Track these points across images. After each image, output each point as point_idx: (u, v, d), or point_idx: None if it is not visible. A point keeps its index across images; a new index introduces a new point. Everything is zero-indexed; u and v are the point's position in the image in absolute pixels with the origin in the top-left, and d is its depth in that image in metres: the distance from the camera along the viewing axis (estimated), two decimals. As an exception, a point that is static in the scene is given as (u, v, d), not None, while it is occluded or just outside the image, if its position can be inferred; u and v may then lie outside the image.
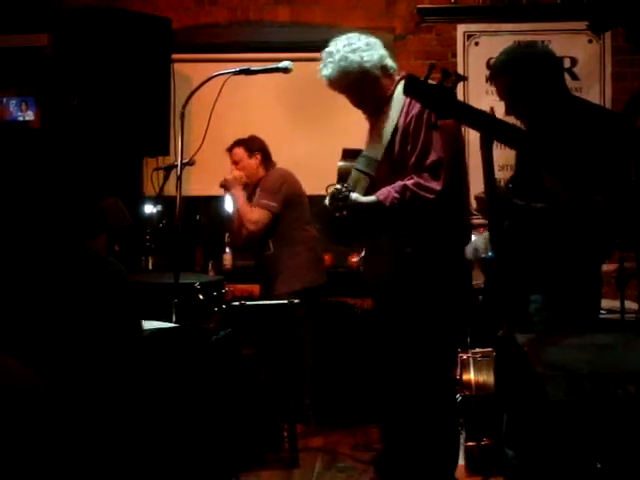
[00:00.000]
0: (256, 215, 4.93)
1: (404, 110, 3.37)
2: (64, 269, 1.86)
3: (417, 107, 3.30)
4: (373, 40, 3.45)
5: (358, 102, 3.52)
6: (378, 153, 3.40)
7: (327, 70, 3.41)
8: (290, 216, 4.98)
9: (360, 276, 3.91)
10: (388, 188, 3.33)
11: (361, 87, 3.44)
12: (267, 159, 5.11)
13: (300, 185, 5.07)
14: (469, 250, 4.97)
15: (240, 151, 5.08)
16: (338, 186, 3.35)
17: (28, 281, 1.81)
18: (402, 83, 3.38)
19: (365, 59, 3.38)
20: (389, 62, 3.46)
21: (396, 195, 3.29)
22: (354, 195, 3.31)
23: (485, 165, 3.11)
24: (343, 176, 3.46)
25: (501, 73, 3.14)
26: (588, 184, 2.81)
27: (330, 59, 3.41)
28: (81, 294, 1.85)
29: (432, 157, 3.27)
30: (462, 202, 3.45)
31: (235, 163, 5.09)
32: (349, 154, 3.54)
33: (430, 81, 2.74)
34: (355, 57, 3.37)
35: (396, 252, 3.42)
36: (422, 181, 3.27)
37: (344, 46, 3.41)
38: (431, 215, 3.32)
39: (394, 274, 3.44)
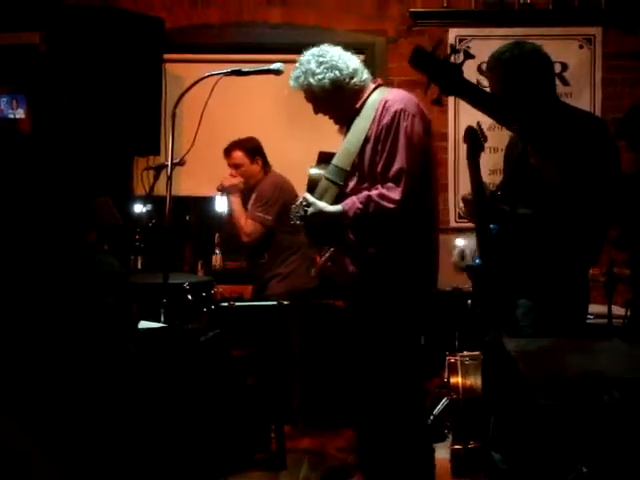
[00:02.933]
0: (250, 228, 4.93)
1: (376, 119, 3.41)
2: (57, 268, 1.86)
3: (387, 117, 3.36)
4: (343, 54, 3.51)
5: (333, 112, 3.58)
6: (347, 163, 3.45)
7: (293, 81, 3.51)
8: (285, 223, 4.98)
9: (324, 278, 4.02)
10: (353, 198, 3.40)
11: (326, 99, 3.51)
12: (266, 163, 5.10)
13: (294, 191, 5.06)
14: (455, 254, 4.99)
15: (240, 155, 5.03)
16: (294, 205, 3.52)
17: (23, 278, 1.81)
18: (377, 91, 3.50)
19: (328, 74, 3.43)
20: (360, 75, 3.50)
21: (359, 206, 3.36)
22: (320, 204, 3.42)
23: (471, 167, 3.13)
24: (314, 184, 3.53)
25: (500, 66, 3.14)
26: (582, 168, 2.82)
27: (299, 70, 3.50)
28: (74, 293, 1.85)
29: (395, 166, 3.33)
30: (429, 207, 3.50)
31: (234, 167, 5.06)
32: (324, 158, 3.60)
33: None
34: (320, 71, 3.44)
35: (360, 251, 3.47)
36: (384, 191, 3.33)
37: (313, 57, 3.48)
38: (393, 222, 3.36)
39: (358, 273, 3.49)
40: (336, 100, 3.50)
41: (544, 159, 2.88)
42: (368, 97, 3.49)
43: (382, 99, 3.42)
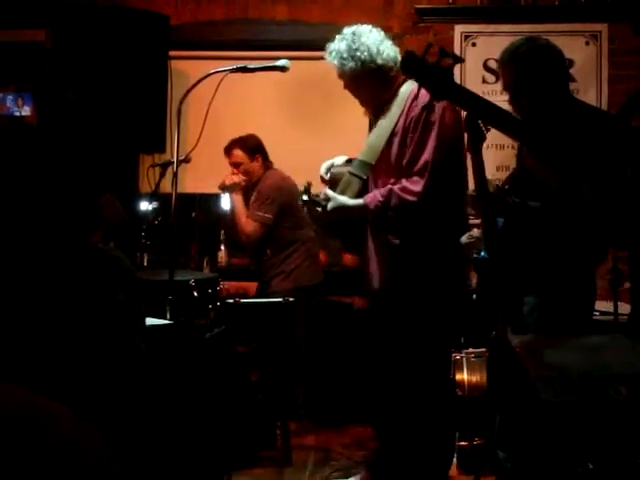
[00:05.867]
0: (251, 228, 4.92)
1: (404, 112, 3.38)
2: (66, 265, 1.86)
3: (416, 109, 3.32)
4: (378, 42, 3.44)
5: (359, 97, 3.54)
6: (373, 157, 3.43)
7: (327, 53, 3.46)
8: (286, 221, 4.98)
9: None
10: (375, 192, 3.38)
11: (350, 82, 3.47)
12: (266, 159, 5.10)
13: (295, 188, 5.05)
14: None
15: (240, 154, 5.02)
16: (319, 197, 3.45)
17: (29, 278, 1.81)
18: (407, 83, 3.42)
19: (351, 61, 3.40)
20: (386, 67, 3.44)
21: (380, 199, 3.34)
22: (341, 198, 3.38)
23: (474, 158, 3.12)
24: (336, 181, 3.51)
25: (513, 61, 3.12)
26: (576, 172, 2.81)
27: (333, 45, 3.45)
28: (84, 290, 1.85)
29: (422, 159, 3.29)
30: (457, 199, 3.44)
31: (234, 165, 5.07)
32: (349, 159, 3.62)
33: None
34: (346, 55, 3.40)
35: (385, 244, 3.45)
36: (407, 184, 3.31)
37: (348, 38, 3.43)
38: (416, 215, 3.34)
39: (387, 272, 3.47)
40: (359, 86, 3.46)
41: (538, 161, 2.88)
42: (398, 88, 3.45)
43: (412, 90, 3.35)
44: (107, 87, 4.73)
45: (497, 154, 5.25)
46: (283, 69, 3.78)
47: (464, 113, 2.99)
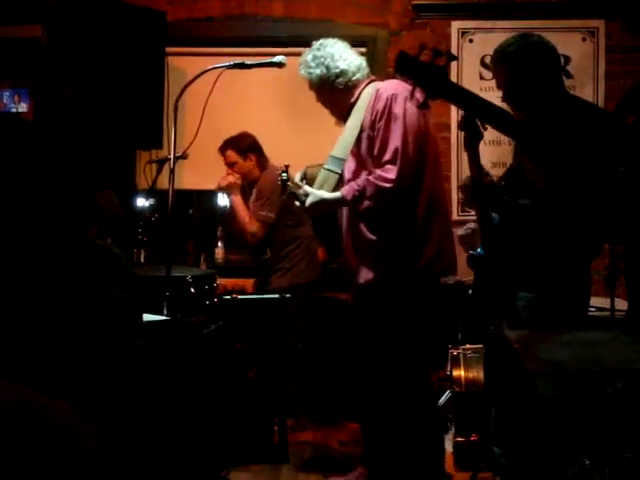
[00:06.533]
0: (255, 228, 4.96)
1: (369, 107, 3.49)
2: (64, 262, 1.86)
3: (380, 102, 3.44)
4: (341, 51, 3.62)
5: (328, 105, 3.70)
6: (345, 152, 3.54)
7: (301, 71, 3.66)
8: (287, 218, 4.99)
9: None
10: (351, 183, 3.49)
11: (318, 91, 3.66)
12: (261, 156, 5.10)
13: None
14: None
15: (233, 154, 5.04)
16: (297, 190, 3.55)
17: (27, 275, 1.81)
18: (370, 85, 3.60)
19: (316, 70, 3.59)
20: (350, 75, 3.60)
21: (357, 188, 3.43)
22: (318, 192, 3.49)
23: (470, 156, 3.12)
24: (312, 178, 3.60)
25: (505, 59, 3.12)
26: (567, 172, 2.81)
27: (302, 57, 3.66)
28: (83, 287, 1.85)
29: (391, 147, 3.39)
30: (429, 190, 3.52)
31: (229, 165, 5.07)
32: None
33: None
34: (312, 64, 3.59)
35: (362, 241, 3.52)
36: (382, 172, 3.40)
37: (313, 49, 3.63)
38: (393, 205, 3.43)
39: (367, 267, 3.53)
40: (326, 94, 3.64)
41: (531, 160, 2.88)
42: (362, 92, 3.59)
43: (375, 89, 3.52)
44: (104, 83, 4.72)
45: (494, 150, 5.26)
46: (280, 65, 3.79)
47: (461, 112, 3.00)
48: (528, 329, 2.97)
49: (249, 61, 3.81)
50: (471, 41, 5.54)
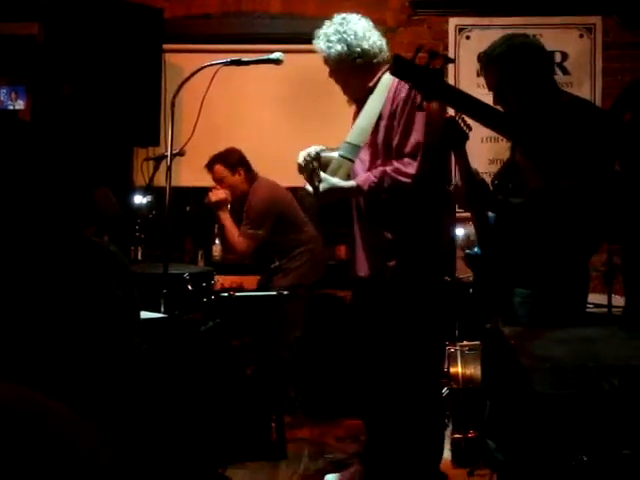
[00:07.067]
0: (243, 245, 4.97)
1: (390, 95, 3.39)
2: (62, 260, 1.85)
3: (404, 92, 3.33)
4: (365, 31, 3.47)
5: (343, 83, 3.54)
6: (361, 139, 3.42)
7: (319, 43, 3.48)
8: (286, 228, 4.99)
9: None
10: (368, 173, 3.38)
11: (333, 68, 3.49)
12: (249, 171, 5.07)
13: (287, 194, 5.06)
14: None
15: (221, 169, 5.03)
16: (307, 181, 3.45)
17: (25, 273, 1.80)
18: (388, 73, 3.43)
19: (336, 46, 3.42)
20: (369, 56, 3.46)
21: (374, 180, 3.33)
22: (333, 179, 3.36)
23: (458, 159, 3.12)
24: (326, 164, 3.50)
25: (492, 63, 3.12)
26: (561, 170, 2.81)
27: (322, 29, 3.50)
28: (81, 285, 1.84)
29: (412, 140, 3.31)
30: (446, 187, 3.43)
31: (217, 181, 5.05)
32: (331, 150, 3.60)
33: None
34: (333, 38, 3.43)
35: (377, 238, 3.44)
36: (400, 166, 3.31)
37: (336, 23, 3.49)
38: (411, 200, 3.34)
39: (376, 260, 3.47)
40: (342, 73, 3.48)
41: (527, 159, 2.88)
42: (381, 77, 3.47)
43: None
44: (101, 80, 4.72)
45: (491, 147, 5.26)
46: (277, 62, 3.78)
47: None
48: (525, 325, 2.97)
49: (246, 58, 3.80)
50: (468, 38, 5.54)
